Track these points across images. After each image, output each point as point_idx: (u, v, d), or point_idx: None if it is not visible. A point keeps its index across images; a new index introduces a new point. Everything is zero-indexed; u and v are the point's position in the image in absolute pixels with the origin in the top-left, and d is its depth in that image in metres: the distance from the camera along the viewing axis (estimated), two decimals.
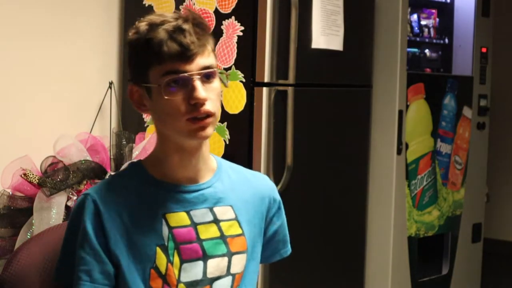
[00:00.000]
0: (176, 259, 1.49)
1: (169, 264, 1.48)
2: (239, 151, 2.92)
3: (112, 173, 2.80)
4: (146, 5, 3.18)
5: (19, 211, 2.73)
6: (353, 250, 3.42)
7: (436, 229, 3.65)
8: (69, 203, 2.70)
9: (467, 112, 3.81)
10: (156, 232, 1.49)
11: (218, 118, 1.53)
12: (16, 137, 3.00)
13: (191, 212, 1.53)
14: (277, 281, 2.94)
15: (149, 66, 1.47)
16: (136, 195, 1.51)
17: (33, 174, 2.70)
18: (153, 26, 1.47)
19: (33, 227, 2.66)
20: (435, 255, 3.76)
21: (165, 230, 1.49)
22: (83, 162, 2.77)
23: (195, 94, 1.45)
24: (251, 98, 2.91)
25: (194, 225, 1.52)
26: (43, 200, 2.67)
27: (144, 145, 2.91)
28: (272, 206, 1.67)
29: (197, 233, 1.52)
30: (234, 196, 1.59)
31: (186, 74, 1.45)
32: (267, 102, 2.90)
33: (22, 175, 2.70)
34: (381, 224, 3.42)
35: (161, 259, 1.48)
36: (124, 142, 3.01)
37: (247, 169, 1.69)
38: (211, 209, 1.55)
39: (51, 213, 2.65)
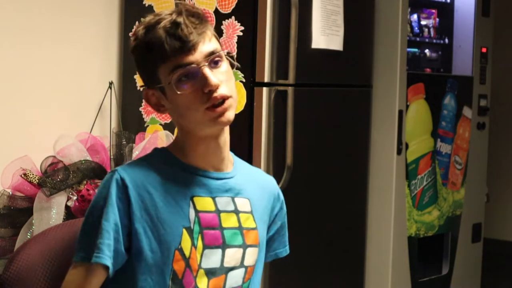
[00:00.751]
0: (200, 244, 1.49)
1: (193, 248, 1.48)
2: (239, 151, 2.91)
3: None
4: (146, 5, 3.18)
5: (19, 211, 2.73)
6: (353, 250, 3.42)
7: (436, 229, 3.65)
8: (69, 203, 2.70)
9: (467, 112, 3.81)
10: (183, 213, 1.49)
11: (236, 99, 1.53)
12: (16, 137, 3.00)
13: (216, 199, 1.54)
14: (277, 281, 2.94)
15: (156, 67, 1.49)
16: (165, 175, 1.51)
17: (33, 174, 2.70)
18: (149, 28, 1.49)
19: (33, 227, 2.65)
20: (435, 255, 3.76)
21: (192, 213, 1.50)
22: (83, 162, 2.77)
23: (207, 82, 1.46)
24: (251, 98, 2.91)
25: (218, 212, 1.53)
26: (43, 200, 2.67)
27: (144, 145, 2.91)
28: (276, 204, 1.68)
29: (220, 221, 1.53)
30: (251, 191, 1.61)
31: (193, 65, 1.46)
32: (267, 102, 2.90)
33: (22, 175, 2.70)
34: (381, 224, 3.42)
35: (186, 242, 1.48)
36: (124, 142, 3.01)
37: (253, 167, 1.72)
38: (233, 199, 1.57)
39: (51, 213, 2.65)
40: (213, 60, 1.48)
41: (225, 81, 1.49)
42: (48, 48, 3.10)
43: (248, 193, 1.60)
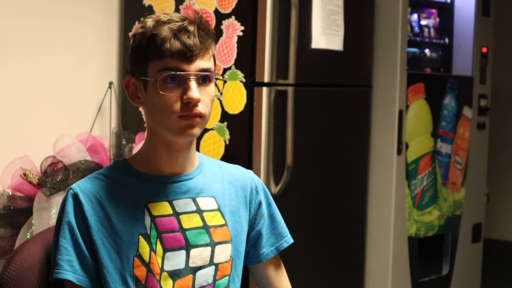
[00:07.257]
0: (159, 248, 1.52)
1: (152, 253, 1.51)
2: (239, 151, 2.92)
3: None
4: (146, 5, 3.18)
5: (19, 211, 2.73)
6: (353, 250, 3.42)
7: (436, 229, 3.65)
8: None
9: (467, 112, 3.81)
10: (138, 221, 1.52)
11: (208, 121, 1.56)
12: (16, 137, 3.00)
13: (174, 202, 1.56)
14: None
15: (150, 60, 1.51)
16: (119, 187, 1.55)
17: (33, 174, 2.70)
18: (159, 23, 1.51)
19: (33, 227, 2.66)
20: (435, 255, 3.76)
21: (147, 219, 1.53)
22: (83, 162, 2.77)
23: (189, 93, 1.48)
24: (251, 98, 2.91)
25: (177, 214, 1.55)
26: (43, 200, 2.67)
27: None
28: (255, 197, 1.68)
29: (179, 223, 1.55)
30: (216, 188, 1.62)
31: (183, 73, 1.49)
32: (267, 102, 2.91)
33: (22, 175, 2.70)
34: (381, 224, 3.42)
35: (144, 248, 1.51)
36: (124, 142, 3.01)
37: (230, 164, 1.72)
38: (194, 199, 1.58)
39: (51, 213, 2.65)
40: (202, 76, 1.51)
41: (206, 101, 1.52)
42: (48, 48, 3.10)
43: (212, 191, 1.61)
